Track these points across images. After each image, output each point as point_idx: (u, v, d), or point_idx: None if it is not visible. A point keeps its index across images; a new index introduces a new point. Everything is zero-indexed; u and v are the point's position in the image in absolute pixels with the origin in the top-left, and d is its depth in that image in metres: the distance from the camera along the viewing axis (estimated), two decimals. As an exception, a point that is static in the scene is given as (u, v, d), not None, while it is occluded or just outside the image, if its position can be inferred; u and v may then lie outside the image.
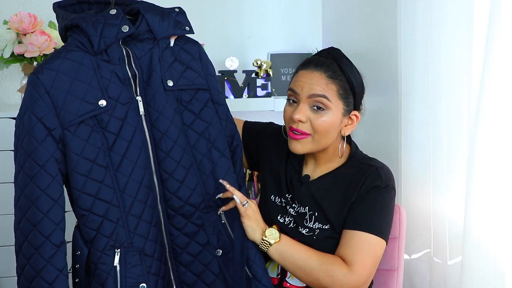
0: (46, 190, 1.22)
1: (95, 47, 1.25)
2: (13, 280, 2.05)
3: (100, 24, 1.25)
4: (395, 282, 1.60)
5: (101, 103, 1.25)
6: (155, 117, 1.31)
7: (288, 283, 1.44)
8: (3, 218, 2.03)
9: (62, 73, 1.23)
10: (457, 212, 1.58)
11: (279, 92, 2.51)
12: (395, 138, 1.95)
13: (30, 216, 1.23)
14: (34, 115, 1.21)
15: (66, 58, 1.25)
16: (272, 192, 1.51)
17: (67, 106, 1.22)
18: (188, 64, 1.38)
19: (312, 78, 1.38)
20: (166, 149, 1.32)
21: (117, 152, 1.27)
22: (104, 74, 1.27)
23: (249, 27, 2.63)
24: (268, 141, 1.57)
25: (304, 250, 1.36)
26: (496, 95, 1.32)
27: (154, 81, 1.32)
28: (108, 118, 1.26)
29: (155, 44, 1.33)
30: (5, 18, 2.16)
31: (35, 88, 1.22)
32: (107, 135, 1.26)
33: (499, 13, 1.29)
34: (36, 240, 1.22)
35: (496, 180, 1.35)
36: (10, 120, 2.01)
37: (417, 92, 1.74)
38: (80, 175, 1.25)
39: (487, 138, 1.36)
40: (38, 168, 1.21)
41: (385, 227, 1.40)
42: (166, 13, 1.34)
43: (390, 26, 1.97)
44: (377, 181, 1.40)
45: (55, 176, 1.22)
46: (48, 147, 1.22)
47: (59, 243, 1.23)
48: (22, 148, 1.23)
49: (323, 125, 1.38)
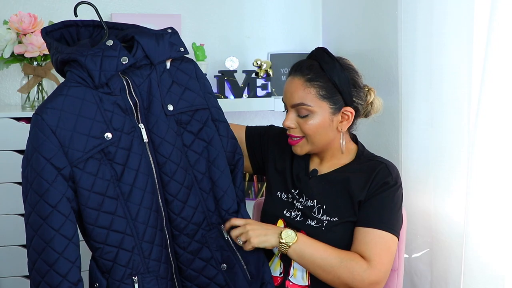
0: (60, 230, 1.21)
1: (96, 81, 1.24)
2: (13, 280, 2.06)
3: (98, 57, 1.24)
4: (395, 282, 1.60)
5: (107, 136, 1.25)
6: (158, 143, 1.32)
7: (291, 282, 1.45)
8: (3, 218, 2.03)
9: (66, 111, 1.22)
10: (457, 212, 1.58)
11: (279, 92, 2.51)
12: (395, 138, 1.95)
13: (46, 257, 1.22)
14: (42, 157, 1.20)
15: (68, 95, 1.24)
16: (278, 189, 1.54)
17: (74, 144, 1.22)
18: (186, 85, 1.38)
19: (291, 86, 1.44)
20: (171, 173, 1.33)
21: (126, 182, 1.28)
22: (107, 106, 1.26)
23: (249, 27, 2.63)
24: (271, 143, 1.60)
25: (322, 248, 1.37)
26: (496, 95, 1.33)
27: (155, 107, 1.32)
28: (115, 149, 1.26)
29: (153, 69, 1.32)
30: (5, 18, 2.16)
31: (40, 129, 1.21)
32: (115, 166, 1.27)
33: (499, 14, 1.29)
34: (53, 281, 1.21)
35: (496, 180, 1.35)
36: (10, 120, 2.01)
37: (417, 92, 1.74)
38: (93, 210, 1.25)
39: (487, 138, 1.36)
40: (50, 209, 1.20)
41: (396, 224, 1.42)
42: (160, 36, 1.33)
43: (390, 26, 1.97)
44: (387, 177, 1.43)
45: (68, 215, 1.22)
46: (59, 187, 1.21)
47: (76, 281, 1.23)
48: (33, 189, 1.21)
49: (311, 128, 1.42)
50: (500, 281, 1.36)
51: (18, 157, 2.02)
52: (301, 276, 1.44)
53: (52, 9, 2.37)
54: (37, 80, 2.14)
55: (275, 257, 1.49)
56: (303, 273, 1.44)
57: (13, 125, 2.02)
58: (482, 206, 1.39)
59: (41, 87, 2.18)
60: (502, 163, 1.34)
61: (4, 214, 2.03)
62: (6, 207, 2.04)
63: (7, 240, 2.05)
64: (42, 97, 2.17)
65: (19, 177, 2.00)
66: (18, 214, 2.05)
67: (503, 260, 1.35)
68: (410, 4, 1.74)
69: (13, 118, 2.02)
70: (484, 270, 1.39)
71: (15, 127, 2.02)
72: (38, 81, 2.15)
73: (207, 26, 2.53)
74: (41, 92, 2.17)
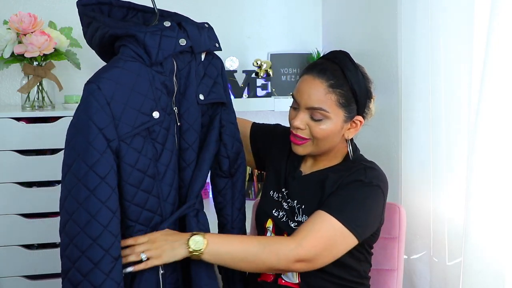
0: (107, 203, 1.19)
1: (153, 58, 1.23)
2: (13, 280, 2.06)
3: (157, 35, 1.24)
4: (395, 282, 1.61)
5: (155, 114, 1.25)
6: (185, 129, 1.33)
7: (283, 280, 1.45)
8: (3, 218, 2.04)
9: (121, 84, 1.20)
10: (457, 212, 1.58)
11: (279, 92, 2.51)
12: (395, 138, 1.95)
13: (90, 230, 1.18)
14: (95, 126, 1.17)
15: (124, 68, 1.22)
16: (271, 187, 1.54)
17: (125, 118, 1.20)
18: (215, 79, 1.40)
19: (311, 87, 1.39)
20: (189, 161, 1.34)
21: (163, 162, 1.28)
22: (157, 85, 1.26)
23: (249, 27, 2.63)
24: (274, 142, 1.60)
25: (238, 241, 1.33)
26: (496, 95, 1.32)
27: (189, 94, 1.33)
28: (159, 129, 1.26)
29: (193, 58, 1.33)
30: (5, 18, 2.16)
31: (96, 98, 1.18)
32: (156, 145, 1.26)
33: (499, 14, 1.29)
34: (96, 255, 1.18)
35: (496, 180, 1.35)
36: (10, 120, 2.01)
37: (417, 92, 1.74)
38: (133, 187, 1.24)
39: (487, 138, 1.36)
40: (99, 180, 1.18)
41: (356, 219, 1.34)
42: (201, 28, 1.34)
43: (390, 26, 1.97)
44: (361, 176, 1.40)
45: (114, 188, 1.20)
46: (108, 159, 1.19)
47: (117, 256, 1.21)
48: (81, 159, 1.18)
49: (321, 132, 1.40)
50: (500, 281, 1.36)
51: (18, 157, 2.03)
52: (291, 274, 1.44)
53: (52, 9, 2.37)
54: (37, 80, 2.14)
55: None
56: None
57: (13, 125, 2.02)
58: (481, 206, 1.39)
59: (41, 87, 2.18)
60: (502, 163, 1.33)
61: (4, 214, 2.04)
62: (6, 207, 2.04)
63: (7, 240, 2.05)
64: (42, 97, 2.17)
65: (19, 177, 2.04)
66: (18, 214, 2.05)
67: (503, 260, 1.35)
68: (410, 4, 1.74)
69: (13, 118, 2.02)
70: (484, 270, 1.39)
71: (15, 127, 2.02)
72: (38, 81, 2.15)
73: (207, 26, 2.53)
74: (41, 92, 2.18)
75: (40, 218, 2.06)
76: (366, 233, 1.39)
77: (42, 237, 2.06)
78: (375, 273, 1.59)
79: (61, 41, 2.12)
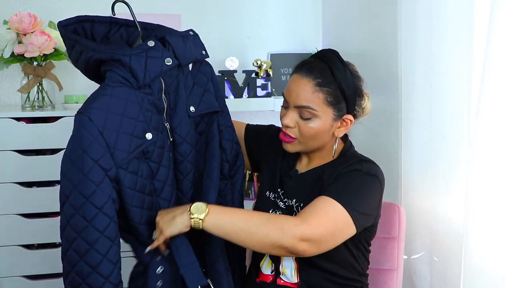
0: (105, 232, 1.21)
1: (141, 82, 1.23)
2: (13, 280, 2.06)
3: (142, 57, 1.23)
4: (394, 282, 1.61)
5: (148, 136, 1.25)
6: (179, 143, 1.33)
7: (282, 280, 1.45)
8: (3, 218, 2.04)
9: (112, 111, 1.21)
10: (456, 212, 1.58)
11: (279, 92, 2.51)
12: (395, 138, 1.95)
13: (89, 259, 1.21)
14: (90, 158, 1.18)
15: (112, 95, 1.22)
16: (267, 188, 1.54)
17: (119, 145, 1.21)
18: (205, 87, 1.40)
19: (299, 86, 1.40)
20: (185, 173, 1.35)
21: (160, 179, 1.29)
22: (147, 106, 1.27)
23: (249, 27, 2.63)
24: (268, 142, 1.60)
25: (243, 212, 1.31)
26: (496, 95, 1.33)
27: (180, 108, 1.33)
28: (153, 149, 1.27)
29: (180, 71, 1.33)
30: (5, 18, 2.16)
31: (88, 130, 1.18)
32: (151, 164, 1.28)
33: (499, 14, 1.29)
34: (96, 282, 1.21)
35: (496, 180, 1.35)
36: (10, 120, 2.01)
37: (417, 92, 1.74)
38: (138, 208, 1.26)
39: (487, 138, 1.36)
40: (96, 211, 1.19)
41: (356, 204, 1.33)
42: (185, 37, 1.34)
43: (390, 26, 1.97)
44: (357, 166, 1.40)
45: (113, 217, 1.22)
46: (105, 189, 1.20)
47: (117, 282, 1.24)
48: (78, 191, 1.19)
49: (309, 131, 1.41)
50: (500, 281, 1.36)
51: (18, 157, 2.03)
52: (290, 274, 1.44)
53: (52, 9, 2.37)
54: (37, 80, 2.14)
55: (266, 256, 1.49)
56: (291, 270, 1.44)
57: (13, 125, 2.02)
58: (481, 206, 1.39)
59: (41, 87, 2.18)
60: (502, 163, 1.33)
61: (4, 214, 2.04)
62: (6, 207, 2.04)
63: (7, 240, 2.05)
64: (42, 97, 2.17)
65: (19, 177, 2.04)
66: (18, 214, 2.05)
67: (503, 260, 1.35)
68: (410, 4, 1.74)
69: (13, 118, 2.02)
70: (484, 270, 1.39)
71: (15, 127, 2.02)
72: (38, 81, 2.15)
73: (207, 26, 2.53)
74: (41, 92, 2.18)
75: (40, 218, 2.06)
76: (364, 223, 1.37)
77: (42, 237, 2.06)
78: (374, 273, 1.59)
79: (61, 41, 2.12)
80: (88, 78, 1.36)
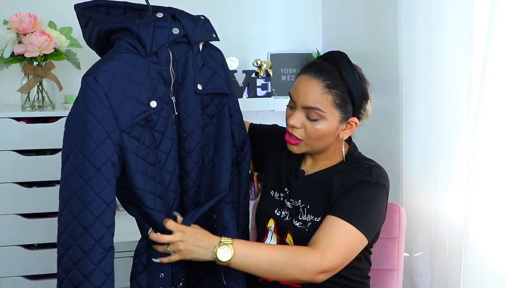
0: (100, 194, 1.20)
1: (148, 49, 1.26)
2: (13, 280, 2.06)
3: (150, 26, 1.26)
4: (395, 282, 1.61)
5: (152, 104, 1.27)
6: (183, 118, 1.34)
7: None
8: (3, 218, 2.04)
9: (118, 75, 1.23)
10: (457, 212, 1.58)
11: (279, 92, 2.51)
12: (395, 138, 1.95)
13: (82, 219, 1.20)
14: (93, 117, 1.19)
15: (120, 60, 1.24)
16: (272, 187, 1.55)
17: (123, 108, 1.22)
18: (214, 69, 1.42)
19: (308, 87, 1.40)
20: (189, 150, 1.35)
21: (163, 151, 1.30)
22: (153, 75, 1.28)
23: (249, 27, 2.63)
24: (272, 142, 1.60)
25: (266, 252, 1.33)
26: (496, 95, 1.32)
27: (187, 84, 1.34)
28: (157, 118, 1.28)
29: (189, 48, 1.35)
30: (5, 18, 2.16)
31: (93, 90, 1.20)
32: (155, 134, 1.29)
33: (499, 14, 1.29)
34: (86, 244, 1.20)
35: (496, 180, 1.35)
36: (10, 120, 2.01)
37: (417, 92, 1.74)
38: (142, 174, 1.26)
39: (487, 138, 1.36)
40: (94, 170, 1.19)
41: (367, 221, 1.37)
42: (197, 20, 1.37)
43: (390, 26, 1.97)
44: (366, 176, 1.41)
45: (110, 180, 1.21)
46: (106, 150, 1.20)
47: (108, 247, 1.22)
48: (78, 150, 1.20)
49: (316, 132, 1.41)
50: (500, 281, 1.36)
51: (18, 157, 2.03)
52: None
53: (52, 9, 2.37)
54: (37, 80, 2.14)
55: None
56: None
57: (13, 125, 2.02)
58: (482, 205, 1.39)
59: (41, 87, 2.18)
60: (502, 163, 1.33)
61: (4, 214, 2.04)
62: (6, 207, 2.04)
63: (7, 240, 2.05)
64: (42, 97, 2.17)
65: (19, 177, 2.04)
66: (18, 214, 2.05)
67: (503, 259, 1.35)
68: (410, 4, 1.74)
69: (13, 118, 2.02)
70: (484, 270, 1.39)
71: (15, 127, 2.02)
72: (38, 81, 2.15)
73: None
74: (41, 92, 2.17)
75: (40, 218, 2.06)
76: (374, 232, 1.41)
77: (42, 237, 2.06)
78: (375, 273, 1.59)
79: (61, 41, 2.12)
80: (100, 55, 1.37)
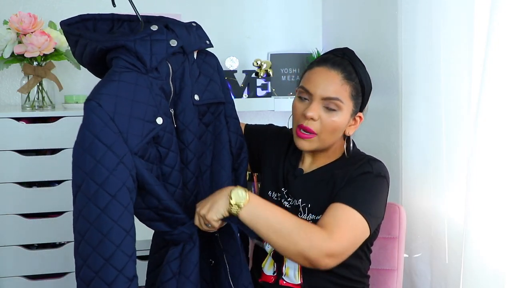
0: (119, 221, 1.16)
1: (148, 65, 1.22)
2: (13, 280, 2.06)
3: (147, 41, 1.22)
4: (395, 282, 1.61)
5: (158, 120, 1.23)
6: (181, 130, 1.33)
7: (285, 281, 1.45)
8: (3, 218, 2.04)
9: (121, 96, 1.18)
10: (457, 212, 1.58)
11: (279, 92, 2.51)
12: (395, 138, 1.95)
13: (102, 250, 1.15)
14: (102, 143, 1.14)
15: (120, 80, 1.19)
16: (269, 187, 1.54)
17: (132, 129, 1.18)
18: (211, 77, 1.40)
19: (327, 78, 1.40)
20: (187, 161, 1.34)
21: (169, 165, 1.29)
22: (156, 91, 1.25)
23: (249, 27, 2.63)
24: (268, 141, 1.60)
25: (279, 212, 1.30)
26: (496, 95, 1.32)
27: (184, 95, 1.32)
28: (163, 134, 1.26)
29: (185, 58, 1.33)
30: (5, 18, 2.16)
31: (98, 115, 1.15)
32: (160, 149, 1.27)
33: (499, 14, 1.29)
34: (109, 276, 1.15)
35: (496, 180, 1.35)
36: (10, 120, 2.01)
37: (417, 92, 1.74)
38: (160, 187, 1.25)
39: (487, 138, 1.35)
40: (109, 198, 1.15)
41: (370, 207, 1.36)
42: (189, 27, 1.34)
43: (390, 26, 1.97)
44: (368, 168, 1.41)
45: (127, 205, 1.17)
46: (119, 176, 1.16)
47: (132, 276, 1.18)
48: (90, 178, 1.15)
49: (332, 124, 1.40)
50: (500, 281, 1.36)
51: (18, 157, 2.03)
52: (293, 275, 1.44)
53: (52, 9, 2.37)
54: (37, 80, 2.14)
55: (268, 256, 1.49)
56: (295, 271, 1.44)
57: (13, 125, 2.02)
58: (481, 205, 1.39)
59: (41, 87, 2.18)
60: (502, 163, 1.33)
61: (4, 214, 2.04)
62: (6, 207, 2.04)
63: (7, 240, 2.05)
64: (42, 97, 2.17)
65: (19, 177, 2.04)
66: (18, 214, 2.05)
67: (503, 259, 1.35)
68: (410, 4, 1.74)
69: (13, 118, 2.02)
70: (484, 270, 1.39)
71: (15, 127, 2.02)
72: (38, 81, 2.15)
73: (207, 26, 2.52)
74: (41, 92, 2.18)
75: (40, 218, 2.06)
76: (375, 224, 1.40)
77: (42, 237, 2.06)
78: (375, 273, 1.59)
79: (61, 41, 2.12)
80: (95, 74, 1.34)
